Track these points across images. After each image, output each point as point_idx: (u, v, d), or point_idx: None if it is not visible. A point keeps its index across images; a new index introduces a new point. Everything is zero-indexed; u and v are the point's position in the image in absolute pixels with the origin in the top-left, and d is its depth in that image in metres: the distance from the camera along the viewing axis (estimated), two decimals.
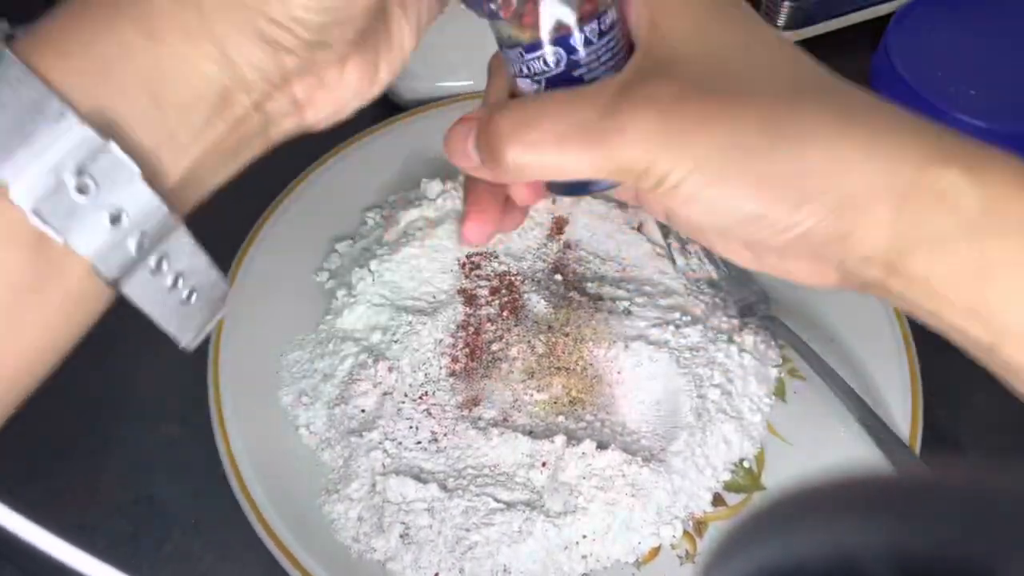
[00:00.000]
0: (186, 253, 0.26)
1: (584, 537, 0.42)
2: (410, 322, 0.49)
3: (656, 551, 0.43)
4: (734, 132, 0.25)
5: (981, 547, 0.13)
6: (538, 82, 0.28)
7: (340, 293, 0.51)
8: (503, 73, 0.30)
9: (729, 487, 0.45)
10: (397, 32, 0.29)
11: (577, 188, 0.30)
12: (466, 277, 0.51)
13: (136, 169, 0.23)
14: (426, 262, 0.51)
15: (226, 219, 0.55)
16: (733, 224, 0.26)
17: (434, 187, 0.54)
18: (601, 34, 0.27)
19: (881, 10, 0.65)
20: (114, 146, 0.23)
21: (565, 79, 0.28)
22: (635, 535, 0.43)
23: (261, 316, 0.50)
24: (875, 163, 0.25)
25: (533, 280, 0.51)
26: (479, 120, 0.28)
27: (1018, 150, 0.57)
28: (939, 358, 0.49)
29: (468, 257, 0.51)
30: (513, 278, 0.51)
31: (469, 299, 0.50)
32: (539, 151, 0.27)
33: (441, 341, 0.48)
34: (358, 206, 0.56)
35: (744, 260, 0.29)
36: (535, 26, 0.27)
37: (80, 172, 0.22)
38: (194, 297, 0.27)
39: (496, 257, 0.52)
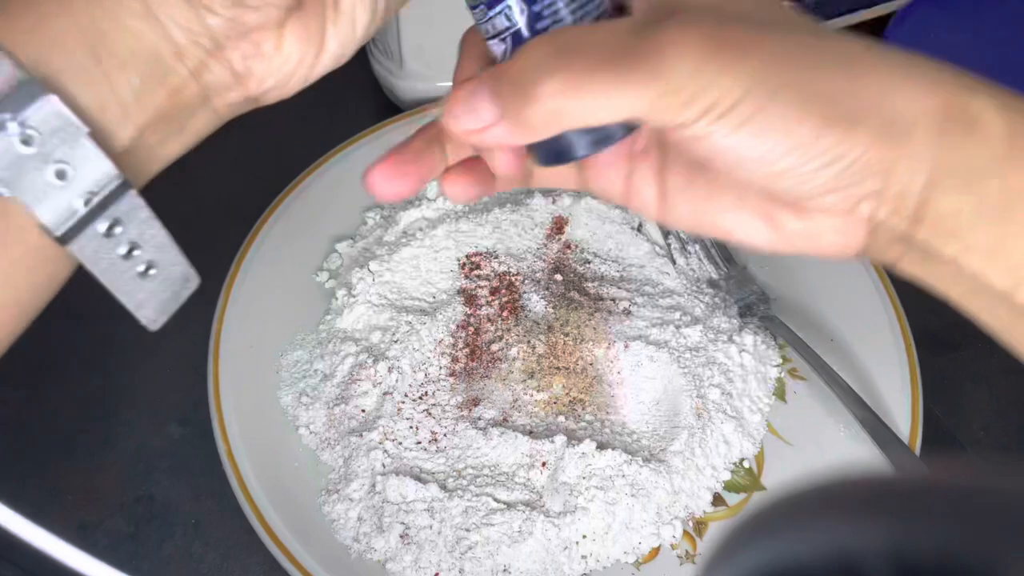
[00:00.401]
0: (140, 221, 0.26)
1: (584, 537, 0.42)
2: (410, 322, 0.49)
3: (656, 551, 0.43)
4: (784, 53, 0.24)
5: (981, 547, 0.13)
6: (504, 40, 0.27)
7: (340, 293, 0.51)
8: (475, 51, 0.29)
9: (729, 487, 0.45)
10: (347, 2, 0.28)
11: (564, 151, 0.28)
12: (466, 277, 0.51)
13: (81, 125, 0.24)
14: (426, 262, 0.51)
15: (226, 219, 0.56)
16: (780, 155, 0.25)
17: (434, 187, 0.54)
18: None
19: (881, 10, 0.65)
20: (55, 99, 0.23)
21: (538, 34, 0.26)
22: (635, 535, 0.43)
23: (261, 316, 0.50)
24: (915, 86, 0.25)
25: (533, 280, 0.51)
26: (489, 73, 0.26)
27: None
28: (939, 358, 0.49)
29: (468, 257, 0.51)
30: (513, 278, 0.51)
31: (469, 299, 0.50)
32: (579, 83, 0.24)
33: (441, 341, 0.48)
34: (358, 206, 0.56)
35: (759, 234, 0.28)
36: None
37: (23, 124, 0.23)
38: (152, 271, 0.27)
39: (496, 257, 0.52)
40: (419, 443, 0.45)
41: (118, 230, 0.25)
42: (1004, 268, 0.25)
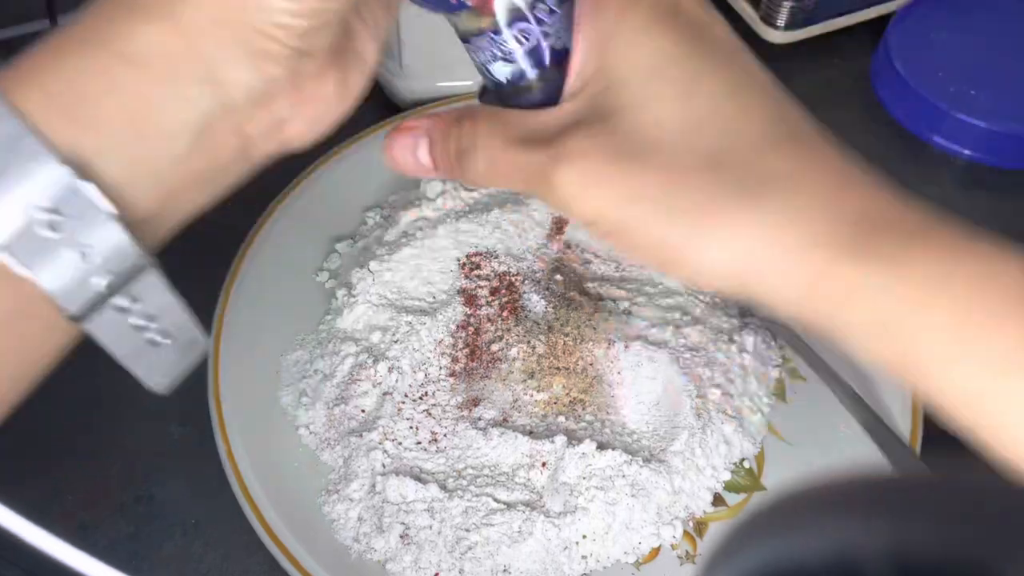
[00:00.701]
0: (157, 295, 0.25)
1: (584, 537, 0.42)
2: (410, 322, 0.48)
3: (656, 551, 0.43)
4: (633, 196, 0.26)
5: (981, 547, 0.13)
6: (512, 61, 0.29)
7: (340, 293, 0.51)
8: None
9: (729, 487, 0.45)
10: (361, 45, 0.29)
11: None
12: (466, 277, 0.51)
13: (111, 209, 0.23)
14: (426, 262, 0.51)
15: (226, 219, 0.55)
16: (652, 263, 0.28)
17: (434, 187, 0.54)
18: (552, 12, 0.28)
19: (881, 10, 0.65)
20: (90, 187, 0.22)
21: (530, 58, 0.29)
22: (635, 535, 0.43)
23: (261, 316, 0.50)
24: (776, 255, 0.25)
25: (533, 280, 0.51)
26: (429, 131, 0.30)
27: (1018, 150, 0.57)
28: None
29: (468, 257, 0.51)
30: (513, 278, 0.51)
31: (469, 299, 0.50)
32: (493, 180, 0.29)
33: (441, 341, 0.48)
34: (358, 206, 0.56)
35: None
36: (491, 10, 0.28)
37: (53, 210, 0.22)
38: (165, 341, 0.26)
39: (496, 257, 0.52)
40: (419, 443, 0.45)
41: (135, 306, 0.25)
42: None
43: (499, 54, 0.29)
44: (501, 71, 0.29)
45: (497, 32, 0.28)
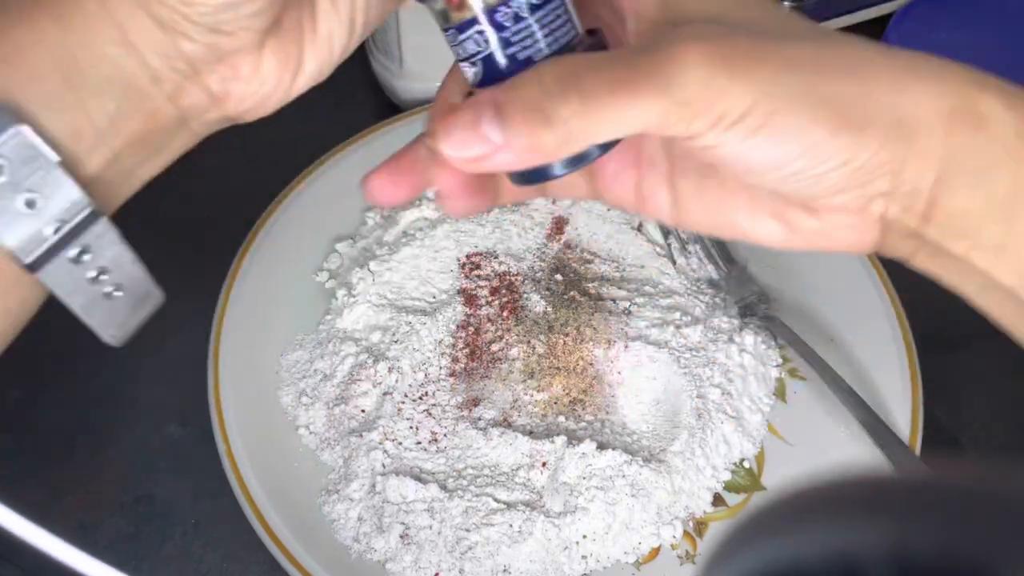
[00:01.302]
0: (110, 247, 0.26)
1: (584, 537, 0.42)
2: (410, 322, 0.48)
3: (656, 551, 0.43)
4: (792, 61, 0.25)
5: (981, 547, 0.13)
6: (475, 64, 0.27)
7: (340, 293, 0.51)
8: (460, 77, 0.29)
9: (729, 487, 0.45)
10: (325, 23, 0.28)
11: (541, 172, 0.27)
12: (466, 277, 0.51)
13: (52, 155, 0.24)
14: (426, 262, 0.51)
15: (226, 219, 0.56)
16: (792, 159, 0.25)
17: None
18: (534, 8, 0.26)
19: (881, 10, 0.65)
20: (26, 129, 0.23)
21: (509, 59, 0.26)
22: (635, 535, 0.43)
23: (261, 316, 0.50)
24: (923, 86, 0.25)
25: (533, 280, 0.51)
26: (484, 100, 0.25)
27: None
28: (939, 358, 0.49)
29: (468, 257, 0.51)
30: (513, 278, 0.51)
31: (469, 299, 0.50)
32: (594, 103, 0.24)
33: (441, 341, 0.48)
34: (358, 206, 0.56)
35: (772, 234, 0.28)
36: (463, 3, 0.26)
37: None
38: (118, 293, 0.27)
39: (496, 257, 0.52)
40: (419, 443, 0.45)
41: (87, 257, 0.26)
42: (1012, 266, 0.25)
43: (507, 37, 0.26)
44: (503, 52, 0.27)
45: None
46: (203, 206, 0.57)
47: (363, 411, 0.46)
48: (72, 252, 0.25)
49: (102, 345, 0.54)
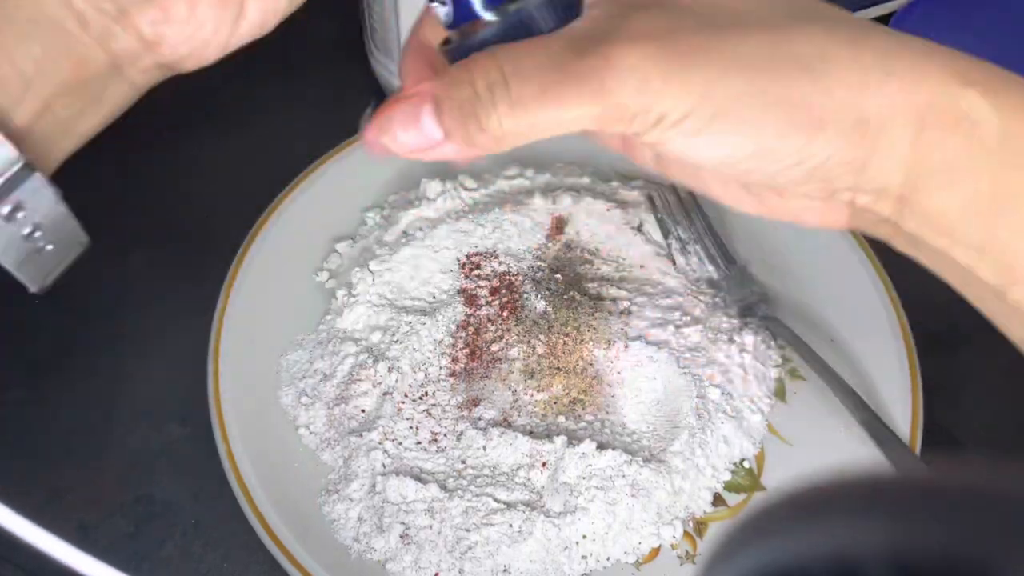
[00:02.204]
0: (44, 202, 0.25)
1: (584, 537, 0.42)
2: (410, 322, 0.49)
3: (656, 551, 0.43)
4: (740, 57, 0.23)
5: (981, 547, 0.13)
6: (445, 3, 0.26)
7: (340, 293, 0.51)
8: (421, 54, 0.28)
9: (729, 487, 0.45)
10: None
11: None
12: (466, 277, 0.51)
13: None
14: (426, 262, 0.51)
15: (226, 219, 0.56)
16: (741, 159, 0.24)
17: (434, 187, 0.54)
18: None
19: (881, 10, 0.65)
20: None
21: (509, 27, 0.25)
22: (635, 535, 0.43)
23: (261, 316, 0.50)
24: (892, 83, 0.23)
25: (533, 280, 0.51)
26: (431, 93, 0.25)
27: None
28: (939, 358, 0.49)
29: (468, 257, 0.51)
30: (513, 278, 0.51)
31: (469, 299, 0.50)
32: (526, 108, 0.23)
33: (441, 341, 0.48)
34: (358, 206, 0.56)
35: (744, 203, 0.28)
36: None
37: None
38: (50, 247, 0.26)
39: (496, 257, 0.52)
40: (419, 443, 0.45)
41: (21, 214, 0.25)
42: (995, 266, 0.24)
43: None
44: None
45: None
46: (203, 206, 0.57)
47: (363, 411, 0.46)
48: (4, 209, 0.24)
49: (102, 344, 0.54)
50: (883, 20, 0.64)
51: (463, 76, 0.24)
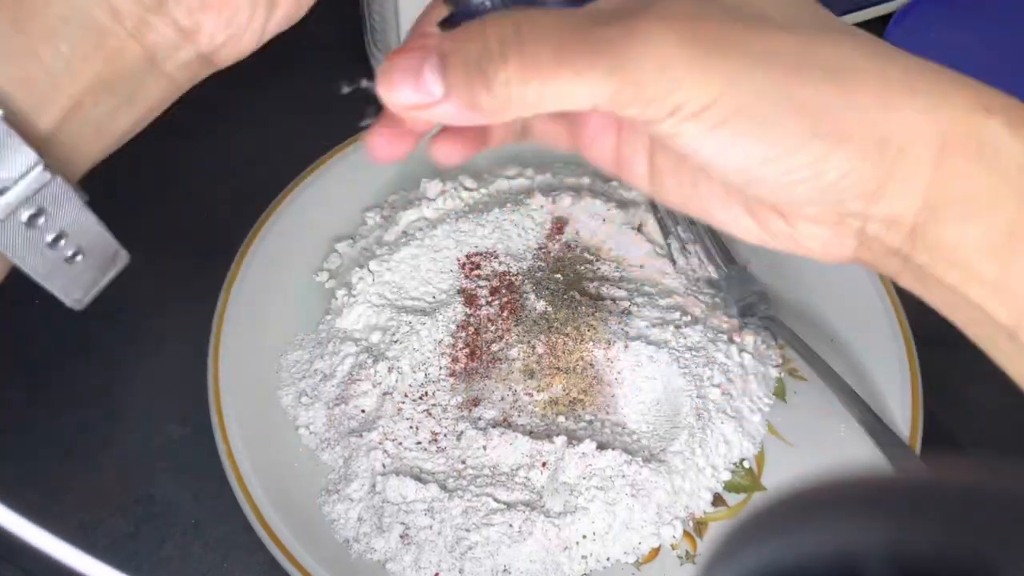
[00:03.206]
0: (67, 208, 0.24)
1: (584, 537, 0.42)
2: (410, 322, 0.48)
3: (656, 551, 0.43)
4: (770, 55, 0.22)
5: (981, 547, 0.13)
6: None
7: (340, 293, 0.51)
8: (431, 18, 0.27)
9: (729, 487, 0.45)
10: None
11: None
12: (466, 277, 0.51)
13: None
14: (426, 262, 0.51)
15: (226, 219, 0.56)
16: (755, 165, 0.23)
17: (434, 187, 0.54)
18: None
19: (881, 10, 0.65)
20: None
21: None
22: (635, 535, 0.43)
23: (261, 316, 0.50)
24: (917, 102, 0.22)
25: (533, 280, 0.51)
26: (438, 46, 0.23)
27: None
28: (939, 357, 0.49)
29: (468, 257, 0.51)
30: (513, 278, 0.51)
31: (469, 299, 0.50)
32: (536, 70, 0.22)
33: (441, 341, 0.48)
34: (358, 206, 0.56)
35: (744, 227, 0.26)
36: None
37: None
38: (79, 257, 0.25)
39: (496, 257, 0.52)
40: (419, 443, 0.45)
41: (42, 220, 0.24)
42: (1010, 305, 0.23)
43: None
44: None
45: None
46: (203, 206, 0.56)
47: (363, 411, 0.46)
48: (25, 215, 0.23)
49: (102, 345, 0.54)
50: (883, 20, 0.64)
51: (475, 31, 0.23)
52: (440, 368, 0.48)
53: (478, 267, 0.51)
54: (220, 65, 0.27)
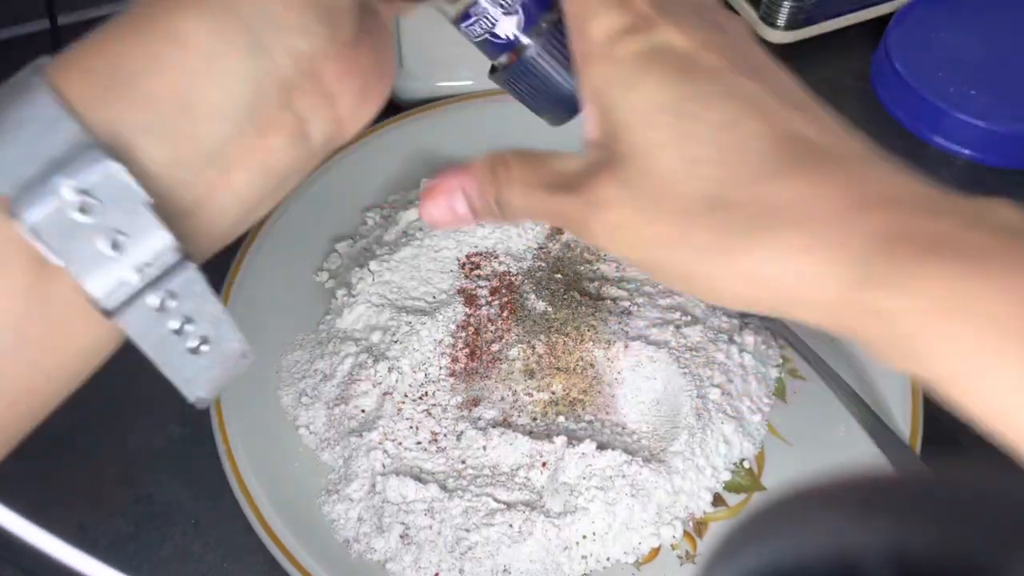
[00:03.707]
0: (196, 295, 0.24)
1: (584, 537, 0.42)
2: (410, 322, 0.48)
3: (656, 551, 0.43)
4: (659, 242, 0.26)
5: (981, 547, 0.13)
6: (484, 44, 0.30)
7: (340, 293, 0.51)
8: None
9: (729, 487, 0.45)
10: (384, 12, 0.28)
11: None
12: (466, 277, 0.51)
13: (143, 194, 0.22)
14: (426, 262, 0.51)
15: None
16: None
17: None
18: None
19: (881, 10, 0.65)
20: (117, 166, 0.22)
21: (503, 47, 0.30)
22: (635, 535, 0.43)
23: (261, 316, 0.50)
24: (793, 283, 0.24)
25: (533, 280, 0.51)
26: (469, 181, 0.30)
27: (1018, 150, 0.57)
28: None
29: (468, 257, 0.51)
30: (513, 278, 0.51)
31: (469, 299, 0.50)
32: (536, 212, 0.29)
33: (441, 341, 0.48)
34: (358, 206, 0.56)
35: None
36: None
37: (81, 191, 0.21)
38: (204, 347, 0.25)
39: (496, 257, 0.52)
40: (419, 443, 0.45)
41: (172, 304, 0.23)
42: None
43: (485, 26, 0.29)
44: (491, 47, 0.30)
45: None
46: None
47: (363, 411, 0.46)
48: (155, 299, 0.23)
49: None
50: (883, 20, 0.64)
51: (488, 179, 0.29)
52: (440, 368, 0.48)
53: (478, 267, 0.51)
54: (345, 137, 0.28)
